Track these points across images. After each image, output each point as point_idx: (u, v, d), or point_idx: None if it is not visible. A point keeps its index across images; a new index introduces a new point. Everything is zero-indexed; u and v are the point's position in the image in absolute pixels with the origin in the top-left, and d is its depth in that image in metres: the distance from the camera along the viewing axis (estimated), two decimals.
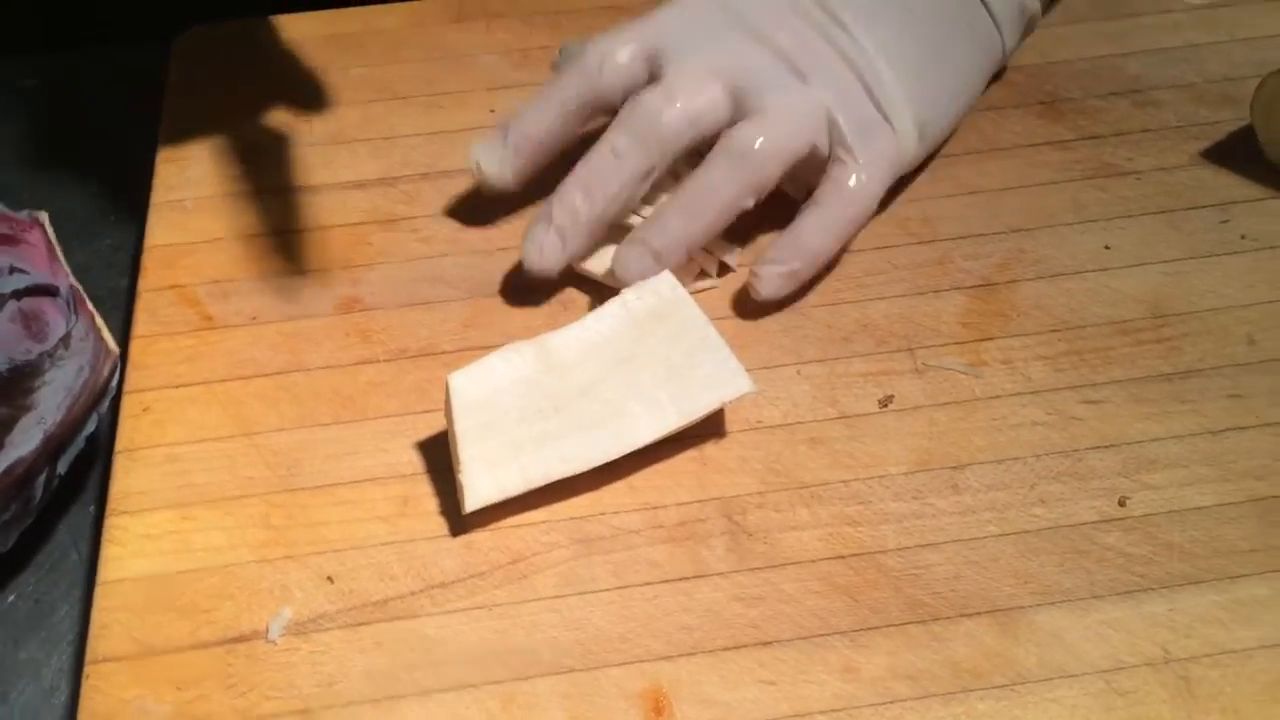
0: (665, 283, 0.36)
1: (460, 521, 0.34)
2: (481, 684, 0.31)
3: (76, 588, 0.35)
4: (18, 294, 0.35)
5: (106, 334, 0.37)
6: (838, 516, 0.34)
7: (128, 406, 0.37)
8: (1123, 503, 0.34)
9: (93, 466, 0.38)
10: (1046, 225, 0.42)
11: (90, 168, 0.47)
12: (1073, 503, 0.34)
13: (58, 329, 0.35)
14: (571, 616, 0.32)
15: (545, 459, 0.34)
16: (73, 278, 0.37)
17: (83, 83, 0.50)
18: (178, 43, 0.49)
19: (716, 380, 0.35)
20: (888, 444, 0.36)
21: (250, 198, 0.43)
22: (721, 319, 0.38)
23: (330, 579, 0.33)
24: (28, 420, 0.33)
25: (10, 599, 0.35)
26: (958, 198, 0.43)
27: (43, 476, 0.34)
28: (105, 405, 0.36)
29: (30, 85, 0.50)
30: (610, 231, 0.39)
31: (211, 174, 0.44)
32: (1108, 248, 0.41)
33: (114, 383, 0.37)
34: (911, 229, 0.42)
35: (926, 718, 0.30)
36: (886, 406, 0.37)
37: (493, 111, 0.46)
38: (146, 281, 0.41)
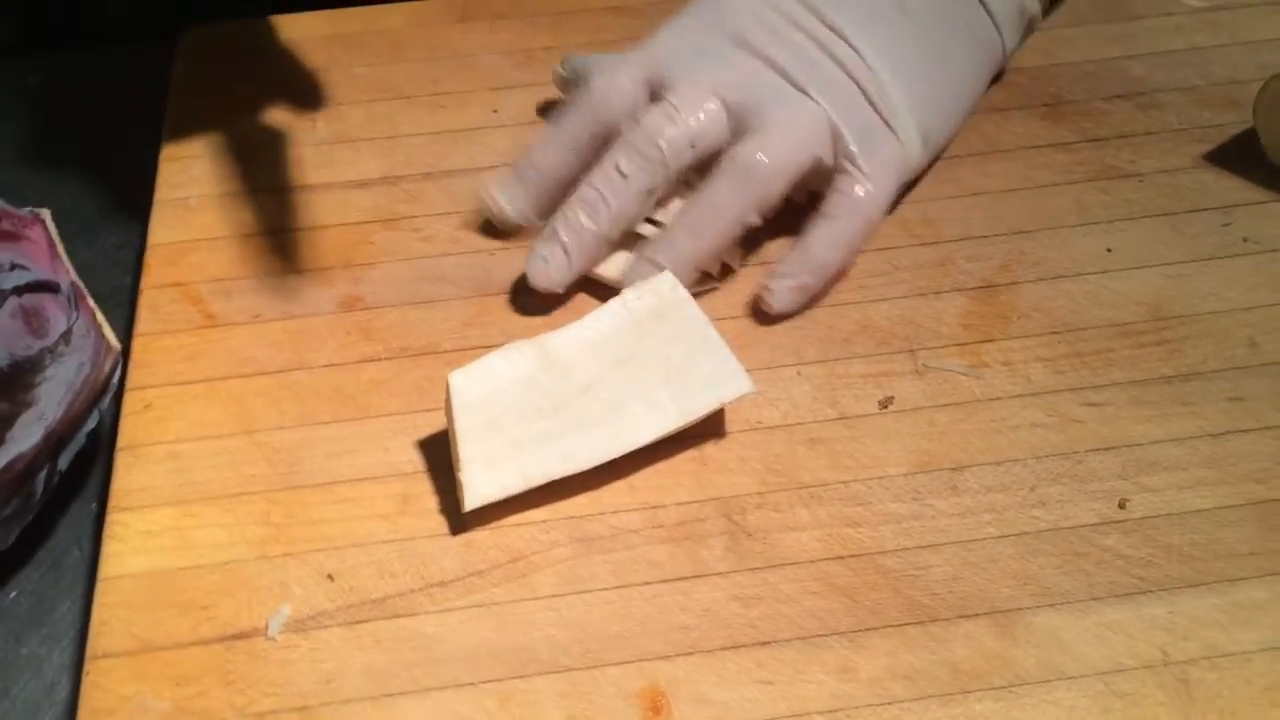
0: (665, 282, 0.36)
1: (460, 520, 0.34)
2: (480, 682, 0.31)
3: (78, 584, 0.35)
4: (19, 290, 0.35)
5: (108, 330, 0.37)
6: (837, 517, 0.34)
7: (129, 403, 0.37)
8: (1122, 505, 0.34)
9: (94, 463, 0.38)
10: (1048, 227, 0.42)
11: (95, 166, 0.47)
12: (1072, 505, 0.34)
13: (58, 325, 0.35)
14: (570, 615, 0.33)
15: (545, 458, 0.34)
16: (74, 274, 0.37)
17: (86, 81, 0.50)
18: (182, 42, 0.49)
19: (716, 380, 0.35)
20: (887, 445, 0.36)
21: (253, 196, 0.43)
22: (722, 319, 0.38)
23: (330, 576, 0.33)
24: (28, 416, 0.34)
25: (12, 595, 0.35)
26: (960, 199, 0.43)
27: (44, 473, 0.34)
28: (107, 402, 0.36)
29: (35, 83, 0.50)
30: (621, 236, 0.40)
31: (214, 172, 0.44)
32: (1109, 250, 0.41)
33: (115, 379, 0.37)
34: (913, 230, 0.42)
35: (924, 718, 0.30)
36: (886, 407, 0.37)
37: (495, 111, 0.46)
38: (149, 279, 0.41)
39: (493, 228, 0.42)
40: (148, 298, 0.40)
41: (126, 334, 0.40)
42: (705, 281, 0.40)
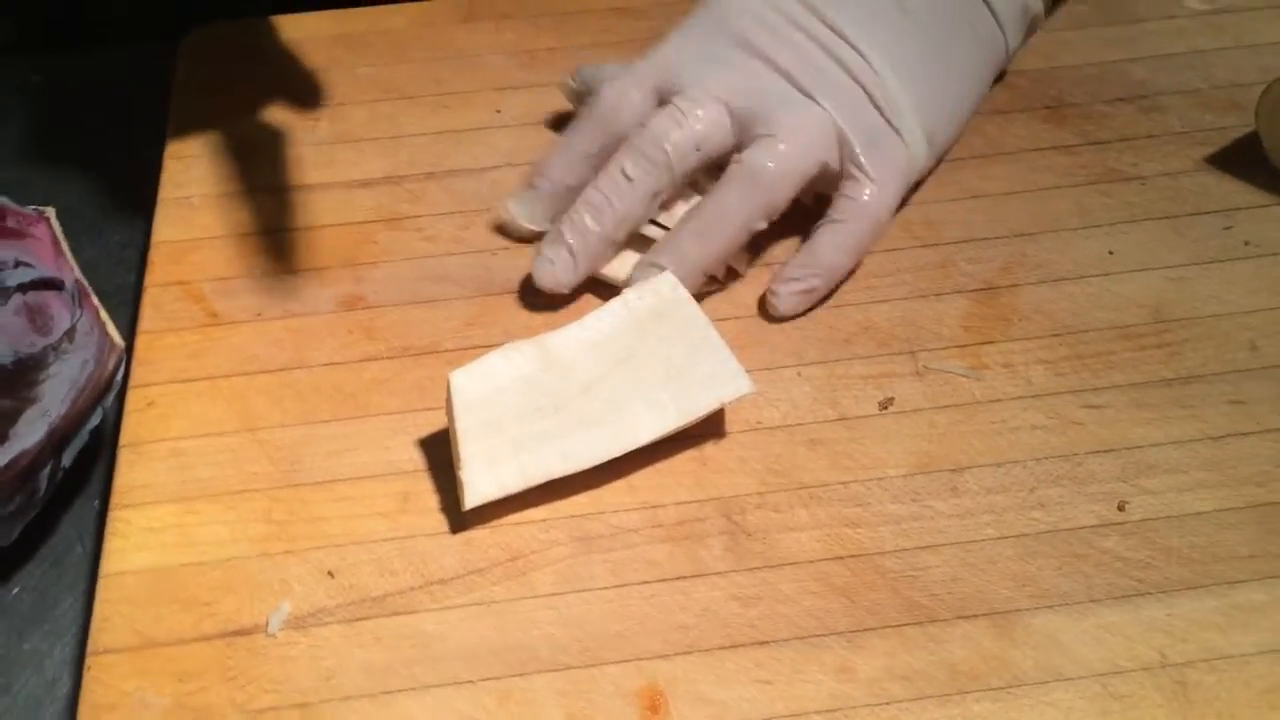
0: (666, 282, 0.36)
1: (460, 518, 0.35)
2: (479, 680, 0.31)
3: (80, 581, 0.36)
4: (23, 287, 0.35)
5: (111, 328, 0.37)
6: (836, 518, 0.34)
7: (132, 401, 0.38)
8: (1122, 507, 0.34)
9: (98, 461, 0.38)
10: (1050, 230, 0.42)
11: (100, 165, 0.47)
12: (1072, 507, 0.34)
13: (62, 323, 0.35)
14: (569, 614, 0.33)
15: (545, 457, 0.34)
16: (78, 272, 0.37)
17: (89, 81, 0.50)
18: (186, 41, 0.49)
19: (717, 380, 0.35)
20: (887, 446, 0.36)
21: (256, 195, 0.44)
22: (723, 320, 0.38)
23: (330, 574, 0.33)
24: (32, 413, 0.34)
25: (14, 591, 0.36)
26: (961, 202, 0.43)
27: (47, 469, 0.35)
28: (110, 399, 0.37)
29: (38, 82, 0.50)
30: (628, 237, 0.40)
31: (218, 172, 0.44)
32: (1111, 253, 0.41)
33: (119, 377, 0.37)
34: (915, 232, 0.42)
35: (922, 719, 0.31)
36: (887, 409, 0.37)
37: (498, 112, 0.46)
38: (153, 277, 0.41)
39: (495, 228, 0.42)
40: (151, 296, 0.41)
41: (130, 332, 0.40)
42: (710, 284, 0.40)
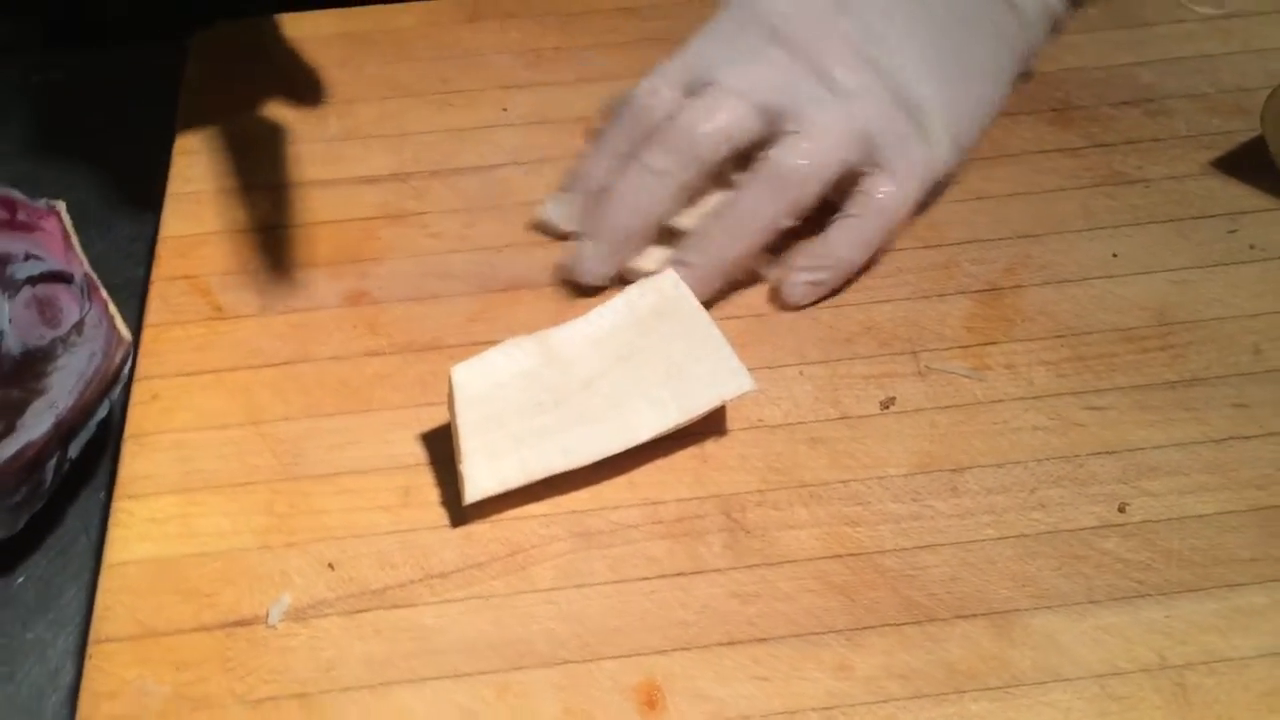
0: (668, 280, 0.37)
1: (460, 513, 0.35)
2: (477, 673, 0.32)
3: (84, 571, 0.36)
4: (32, 280, 0.35)
5: (119, 321, 0.37)
6: (836, 516, 0.34)
7: (138, 393, 0.38)
8: (1122, 509, 0.34)
9: (104, 452, 0.39)
10: (1054, 232, 0.42)
11: (109, 160, 0.47)
12: (1072, 508, 0.34)
13: (71, 315, 0.36)
14: (568, 609, 0.33)
15: (546, 452, 0.34)
16: (87, 265, 0.38)
17: (98, 78, 0.50)
18: (195, 40, 0.49)
19: (718, 378, 0.35)
20: (888, 445, 0.36)
21: (263, 191, 0.44)
22: (724, 318, 0.39)
23: (331, 566, 0.34)
24: (40, 404, 0.34)
25: (19, 581, 0.36)
26: (965, 203, 0.43)
27: (53, 461, 0.35)
28: (117, 392, 0.37)
29: (45, 80, 0.50)
30: (658, 231, 0.40)
31: (225, 168, 0.45)
32: (1115, 255, 0.41)
33: (126, 370, 0.37)
34: (918, 233, 0.42)
35: (919, 718, 0.31)
36: (888, 408, 0.37)
37: (504, 110, 0.46)
38: (160, 271, 0.41)
39: (499, 225, 0.42)
40: (158, 289, 0.41)
41: (137, 325, 0.40)
42: (733, 287, 0.40)
